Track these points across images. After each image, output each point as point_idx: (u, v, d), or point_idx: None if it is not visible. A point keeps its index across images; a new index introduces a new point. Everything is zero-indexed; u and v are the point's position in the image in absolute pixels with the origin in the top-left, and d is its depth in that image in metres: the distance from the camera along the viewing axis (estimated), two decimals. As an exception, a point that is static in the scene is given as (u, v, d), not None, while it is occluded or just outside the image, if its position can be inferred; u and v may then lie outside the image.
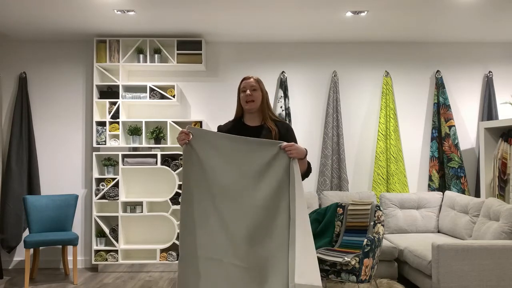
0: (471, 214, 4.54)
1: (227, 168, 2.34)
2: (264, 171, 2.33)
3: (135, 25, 4.95)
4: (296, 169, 2.30)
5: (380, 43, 5.68)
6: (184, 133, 2.41)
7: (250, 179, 2.33)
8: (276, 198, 2.29)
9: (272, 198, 2.29)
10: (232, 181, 2.33)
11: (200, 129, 2.39)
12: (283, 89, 5.51)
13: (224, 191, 2.33)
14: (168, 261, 5.23)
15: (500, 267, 3.72)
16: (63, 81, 5.57)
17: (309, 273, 1.72)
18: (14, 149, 5.27)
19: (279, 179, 2.31)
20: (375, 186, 5.46)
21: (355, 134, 5.66)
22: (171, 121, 5.30)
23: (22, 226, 5.29)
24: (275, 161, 2.32)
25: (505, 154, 4.90)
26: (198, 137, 2.36)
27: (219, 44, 5.64)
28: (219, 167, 2.35)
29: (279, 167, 2.32)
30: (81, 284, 4.73)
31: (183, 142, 2.41)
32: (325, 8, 4.46)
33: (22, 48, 5.55)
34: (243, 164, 2.33)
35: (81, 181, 5.54)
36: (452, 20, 4.85)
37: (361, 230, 4.10)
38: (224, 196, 2.32)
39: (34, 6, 4.36)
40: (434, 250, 3.77)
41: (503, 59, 5.73)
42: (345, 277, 3.69)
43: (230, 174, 2.33)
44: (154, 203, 5.44)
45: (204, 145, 2.36)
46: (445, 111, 5.50)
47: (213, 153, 2.36)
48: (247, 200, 2.30)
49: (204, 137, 2.37)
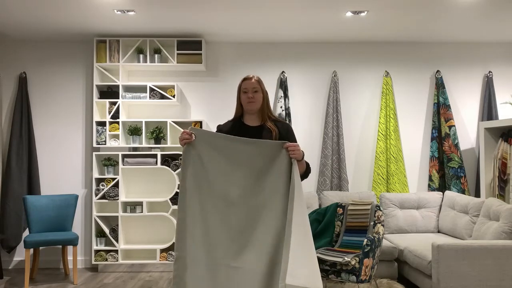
0: (471, 214, 4.54)
1: (228, 169, 2.35)
2: (266, 172, 2.33)
3: (135, 25, 4.95)
4: (296, 170, 2.31)
5: (380, 43, 5.68)
6: (187, 134, 2.41)
7: (252, 180, 2.34)
8: (278, 199, 2.29)
9: (274, 199, 2.29)
10: (234, 182, 2.33)
11: (202, 130, 2.39)
12: (283, 89, 5.51)
13: (225, 192, 2.33)
14: (168, 261, 5.23)
15: (500, 267, 3.72)
16: (63, 81, 5.57)
17: (306, 275, 1.67)
18: (14, 149, 5.27)
19: (281, 180, 2.31)
20: (375, 186, 5.46)
21: (355, 134, 5.66)
22: (171, 121, 5.30)
23: (22, 226, 5.29)
24: (276, 162, 2.33)
25: (505, 154, 4.90)
26: (200, 138, 2.36)
27: (219, 44, 5.64)
28: (220, 168, 2.35)
29: (281, 168, 2.32)
30: (81, 284, 4.73)
31: (184, 142, 2.40)
32: (325, 8, 4.46)
33: (22, 48, 5.55)
34: (245, 165, 2.34)
35: (81, 181, 5.54)
36: (452, 20, 4.85)
37: (361, 230, 4.10)
38: (226, 197, 2.32)
39: (34, 6, 4.36)
40: (434, 250, 3.77)
41: (503, 59, 5.73)
42: (345, 277, 3.69)
43: (232, 175, 2.34)
44: (154, 203, 5.44)
45: (205, 146, 2.36)
46: (445, 111, 5.50)
47: (215, 154, 2.36)
48: (249, 201, 2.31)
49: (206, 138, 2.37)
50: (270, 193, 2.30)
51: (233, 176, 2.34)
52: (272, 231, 2.24)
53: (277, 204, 2.29)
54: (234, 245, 2.29)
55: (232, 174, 2.34)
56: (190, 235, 2.28)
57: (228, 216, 2.31)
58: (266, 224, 2.26)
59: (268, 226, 2.26)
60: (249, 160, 2.34)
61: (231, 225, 2.28)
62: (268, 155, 2.33)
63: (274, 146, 2.35)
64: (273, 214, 2.27)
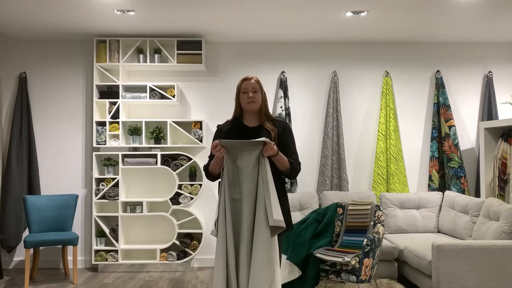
0: (471, 214, 4.54)
1: (236, 171, 2.61)
2: (256, 169, 2.59)
3: (135, 25, 4.95)
4: (265, 162, 2.61)
5: (380, 43, 5.68)
6: (219, 148, 2.57)
7: (250, 179, 2.59)
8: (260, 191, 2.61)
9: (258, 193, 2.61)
10: (240, 182, 2.60)
11: (224, 140, 2.59)
12: (283, 89, 5.51)
13: (235, 196, 2.63)
14: (168, 261, 5.23)
15: (500, 267, 3.72)
16: (63, 81, 5.57)
17: (278, 213, 2.53)
18: (14, 149, 5.27)
19: (264, 174, 2.60)
20: (375, 186, 5.46)
21: (355, 134, 5.66)
22: (171, 121, 5.30)
23: (22, 226, 5.29)
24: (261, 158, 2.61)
25: (505, 154, 4.90)
26: (226, 148, 2.61)
27: (219, 44, 5.64)
28: (234, 170, 2.62)
29: (261, 164, 2.61)
30: (81, 284, 4.73)
31: (222, 155, 2.58)
32: (325, 8, 4.46)
33: (22, 48, 5.55)
34: (243, 164, 2.60)
35: (81, 181, 5.54)
36: (452, 20, 4.85)
37: (361, 230, 4.10)
38: (237, 199, 2.64)
39: (34, 6, 4.36)
40: (434, 250, 3.77)
41: (503, 59, 5.73)
42: (345, 277, 3.69)
43: (238, 176, 2.61)
44: (154, 203, 5.44)
45: (231, 157, 2.64)
46: (445, 111, 5.50)
47: (228, 159, 2.63)
48: (250, 198, 2.58)
49: (228, 146, 2.62)
50: (257, 186, 2.63)
51: (239, 177, 2.62)
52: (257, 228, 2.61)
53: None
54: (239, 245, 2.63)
55: (238, 174, 2.62)
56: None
57: (239, 216, 2.63)
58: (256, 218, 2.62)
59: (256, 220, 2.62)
60: (245, 159, 2.61)
61: (239, 228, 2.62)
62: (256, 153, 2.60)
63: (258, 144, 2.58)
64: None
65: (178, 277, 5.01)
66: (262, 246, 2.51)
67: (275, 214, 2.52)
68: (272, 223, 2.51)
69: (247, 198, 2.57)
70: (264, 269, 2.51)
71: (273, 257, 2.56)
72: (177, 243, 5.22)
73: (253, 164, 2.58)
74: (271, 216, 2.51)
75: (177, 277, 5.03)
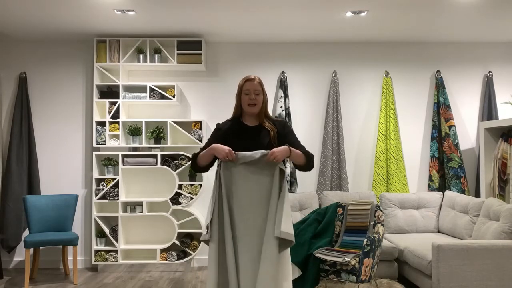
0: (471, 214, 4.54)
1: (242, 184, 2.67)
2: (264, 180, 2.63)
3: (135, 25, 4.95)
4: (277, 171, 2.65)
5: (380, 43, 5.68)
6: (232, 155, 2.58)
7: (261, 190, 2.64)
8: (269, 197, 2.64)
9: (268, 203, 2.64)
10: (246, 195, 2.65)
11: (240, 153, 2.62)
12: (283, 89, 5.51)
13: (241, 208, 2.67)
14: (168, 261, 5.23)
15: (500, 267, 3.72)
16: (63, 81, 5.57)
17: (288, 226, 2.56)
18: (14, 149, 5.27)
19: (275, 185, 2.63)
20: (375, 186, 5.46)
21: (355, 134, 5.66)
22: (171, 121, 5.30)
23: (22, 226, 5.29)
24: (269, 172, 2.64)
25: (505, 154, 4.90)
26: (237, 161, 2.65)
27: (219, 44, 5.64)
28: (235, 179, 2.67)
29: (275, 174, 2.64)
30: (81, 284, 4.73)
31: (227, 160, 2.60)
32: (325, 8, 4.46)
33: (22, 48, 5.55)
34: (255, 176, 2.65)
35: (81, 181, 5.54)
36: (452, 20, 4.85)
37: (361, 230, 4.10)
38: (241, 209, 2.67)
39: (34, 6, 4.36)
40: (434, 250, 3.77)
41: (503, 59, 5.73)
42: (345, 277, 3.69)
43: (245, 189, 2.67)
44: (154, 203, 5.44)
45: (237, 168, 2.66)
46: (445, 111, 5.50)
47: (236, 173, 2.67)
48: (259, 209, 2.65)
49: (240, 161, 2.64)
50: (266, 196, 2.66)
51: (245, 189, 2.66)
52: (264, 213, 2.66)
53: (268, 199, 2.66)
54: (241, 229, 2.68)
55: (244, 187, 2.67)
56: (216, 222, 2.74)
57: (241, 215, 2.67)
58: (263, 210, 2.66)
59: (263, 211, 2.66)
60: (251, 174, 2.66)
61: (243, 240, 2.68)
62: (262, 168, 2.64)
63: (262, 156, 2.61)
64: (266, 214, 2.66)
65: (178, 277, 5.01)
66: (269, 258, 2.51)
67: (283, 226, 2.50)
68: (278, 234, 2.50)
69: (257, 208, 2.59)
70: (269, 283, 2.49)
71: (279, 270, 2.54)
72: (177, 243, 5.22)
73: (266, 177, 2.60)
74: (279, 227, 2.50)
75: (177, 277, 5.03)
